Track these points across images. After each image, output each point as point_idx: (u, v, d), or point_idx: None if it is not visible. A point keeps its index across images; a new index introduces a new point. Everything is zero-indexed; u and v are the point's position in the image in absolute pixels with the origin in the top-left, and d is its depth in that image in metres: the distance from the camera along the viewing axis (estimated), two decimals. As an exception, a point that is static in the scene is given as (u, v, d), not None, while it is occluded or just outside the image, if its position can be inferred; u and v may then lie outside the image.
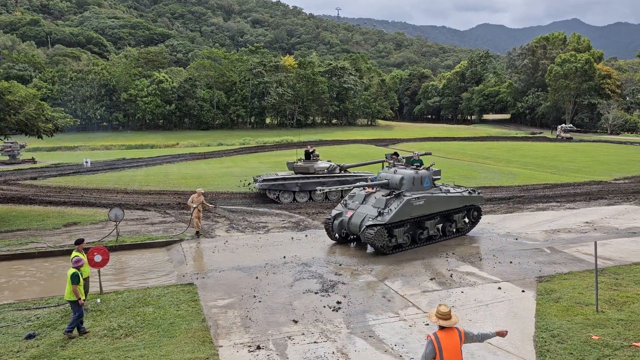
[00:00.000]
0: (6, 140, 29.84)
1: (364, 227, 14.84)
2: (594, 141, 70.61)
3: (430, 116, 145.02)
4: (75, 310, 9.85)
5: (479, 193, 18.13)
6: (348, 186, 17.27)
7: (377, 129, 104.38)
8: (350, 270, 13.89)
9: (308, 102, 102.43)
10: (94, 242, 16.16)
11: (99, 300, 11.69)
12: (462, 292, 11.94)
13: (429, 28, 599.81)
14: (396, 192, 15.61)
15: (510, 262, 14.33)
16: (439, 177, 18.51)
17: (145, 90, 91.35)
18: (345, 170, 26.46)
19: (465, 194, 17.54)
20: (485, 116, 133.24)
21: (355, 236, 16.37)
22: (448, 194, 16.91)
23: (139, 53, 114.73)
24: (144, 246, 16.89)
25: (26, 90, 24.00)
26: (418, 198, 15.55)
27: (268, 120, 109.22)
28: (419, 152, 23.31)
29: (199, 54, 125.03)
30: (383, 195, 15.61)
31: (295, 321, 10.39)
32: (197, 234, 17.99)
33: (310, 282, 12.85)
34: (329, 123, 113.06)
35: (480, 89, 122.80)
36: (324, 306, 11.20)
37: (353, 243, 16.70)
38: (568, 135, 73.79)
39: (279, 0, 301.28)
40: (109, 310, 11.05)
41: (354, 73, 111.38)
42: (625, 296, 11.25)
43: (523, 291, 11.91)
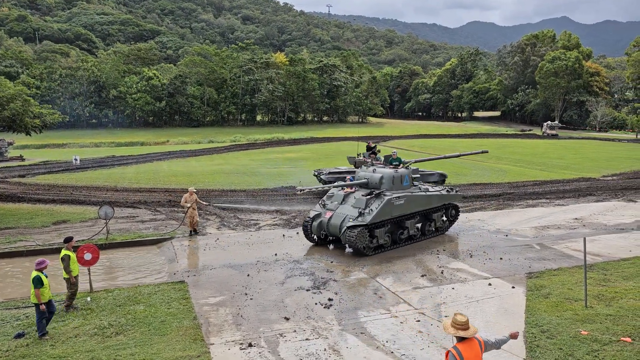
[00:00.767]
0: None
1: (345, 228, 14.43)
2: (582, 138, 71.23)
3: (421, 113, 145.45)
4: (37, 313, 9.65)
5: (456, 191, 17.97)
6: (328, 186, 16.56)
7: (368, 126, 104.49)
8: (342, 267, 13.91)
9: (299, 99, 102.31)
10: (83, 240, 16.04)
11: (89, 298, 11.61)
12: (453, 289, 12.01)
13: (420, 25, 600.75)
14: (376, 192, 15.21)
15: (501, 259, 14.43)
16: (418, 176, 18.11)
17: (135, 87, 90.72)
18: (404, 165, 26.77)
19: (444, 192, 17.30)
20: (476, 113, 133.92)
21: (333, 237, 15.91)
22: (427, 193, 16.61)
23: (128, 50, 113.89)
24: (134, 244, 16.78)
25: (14, 87, 23.73)
26: (399, 197, 15.22)
27: (259, 118, 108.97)
28: (482, 150, 22.96)
29: (190, 51, 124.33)
30: (363, 195, 15.18)
31: (286, 318, 10.39)
32: (192, 232, 17.72)
33: (302, 280, 12.86)
34: (320, 120, 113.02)
35: (470, 86, 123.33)
36: (316, 303, 11.21)
37: (331, 245, 16.19)
38: (554, 132, 76.32)
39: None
40: (99, 309, 10.98)
41: (344, 70, 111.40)
42: (613, 292, 11.37)
43: (513, 287, 12.00)
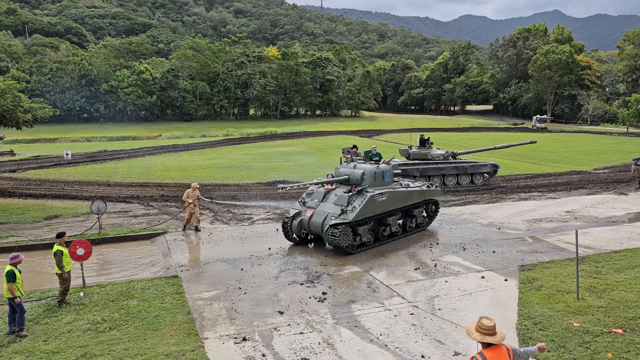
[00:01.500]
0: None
1: (327, 227, 14.01)
2: (574, 132, 71.63)
3: (413, 107, 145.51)
4: (18, 309, 9.56)
5: (436, 186, 17.77)
6: (305, 183, 16.26)
7: (361, 120, 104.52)
8: (335, 261, 13.92)
9: (291, 93, 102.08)
10: (76, 235, 15.95)
11: (81, 293, 11.56)
12: (446, 282, 12.06)
13: (413, 19, 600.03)
14: (358, 188, 14.81)
15: (493, 252, 14.50)
16: (399, 171, 17.89)
17: (126, 81, 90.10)
18: (455, 157, 27.57)
19: (424, 187, 17.10)
20: (468, 107, 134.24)
21: (314, 236, 15.46)
22: (408, 189, 16.33)
23: (119, 43, 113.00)
24: (127, 239, 16.71)
25: (4, 83, 23.50)
26: (381, 194, 14.81)
27: (252, 112, 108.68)
28: (530, 140, 22.84)
29: (182, 45, 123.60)
30: (344, 192, 14.77)
31: (281, 312, 10.40)
32: (185, 227, 17.49)
33: (296, 274, 12.87)
34: (313, 114, 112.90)
35: (462, 79, 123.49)
36: (310, 297, 11.23)
37: (311, 244, 15.65)
38: (543, 125, 78.14)
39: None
40: (92, 304, 10.94)
41: (337, 64, 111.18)
42: (605, 284, 11.47)
43: (506, 280, 12.07)
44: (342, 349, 8.75)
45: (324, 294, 11.39)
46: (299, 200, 15.80)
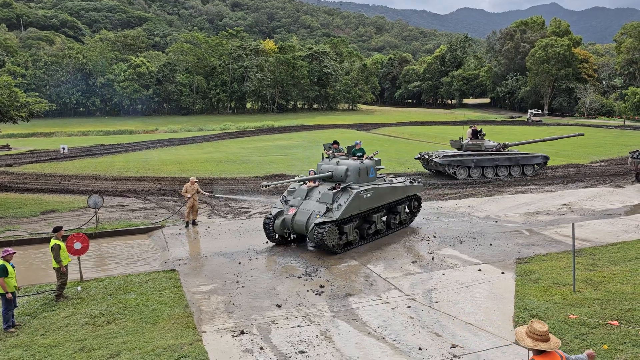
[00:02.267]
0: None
1: (313, 226, 13.46)
2: (570, 125, 71.69)
3: (411, 100, 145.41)
4: (3, 303, 9.55)
5: (419, 182, 17.51)
6: (286, 181, 15.72)
7: (358, 113, 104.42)
8: (332, 254, 13.93)
9: (288, 87, 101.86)
10: (73, 230, 15.93)
11: (79, 287, 11.56)
12: (444, 274, 12.10)
13: (410, 12, 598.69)
14: (343, 185, 14.31)
15: (490, 245, 14.54)
16: (383, 167, 17.62)
17: (123, 74, 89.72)
18: (507, 148, 28.05)
19: (407, 183, 16.69)
20: (466, 100, 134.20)
21: (295, 236, 14.97)
22: (392, 185, 15.91)
23: (115, 36, 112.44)
24: (124, 233, 16.70)
25: (1, 78, 23.37)
26: (366, 190, 14.40)
27: (249, 105, 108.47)
28: (578, 133, 23.00)
29: (178, 38, 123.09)
30: (329, 189, 14.19)
31: (278, 306, 10.42)
32: (188, 224, 17.32)
33: (293, 267, 12.88)
34: (310, 108, 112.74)
35: (459, 73, 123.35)
36: (307, 290, 11.25)
37: (294, 243, 15.17)
38: (537, 118, 79.84)
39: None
40: (89, 298, 10.94)
41: (334, 57, 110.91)
42: (601, 276, 11.53)
43: (503, 273, 12.11)
44: (340, 341, 8.78)
45: (321, 287, 11.41)
46: (281, 198, 15.12)
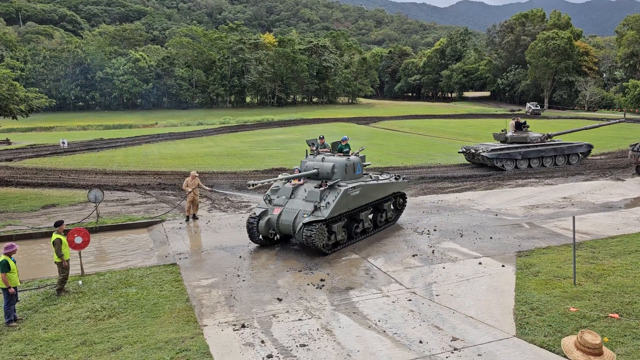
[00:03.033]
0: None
1: (301, 225, 12.86)
2: (571, 118, 71.59)
3: (410, 94, 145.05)
4: (5, 298, 9.57)
5: (403, 178, 17.11)
6: (273, 179, 14.95)
7: (358, 107, 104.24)
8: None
9: (288, 81, 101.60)
10: (73, 224, 15.94)
11: (80, 282, 11.58)
12: (444, 268, 12.11)
13: (409, 5, 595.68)
14: (330, 183, 13.70)
15: (491, 238, 14.55)
16: (369, 164, 17.23)
17: (122, 69, 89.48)
18: (550, 139, 28.55)
19: (392, 180, 16.20)
20: (466, 94, 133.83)
21: (280, 237, 14.09)
22: (379, 182, 15.40)
23: (114, 31, 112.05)
24: (125, 227, 16.71)
25: (0, 71, 23.33)
26: (354, 188, 13.85)
27: (248, 99, 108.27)
28: (618, 119, 23.27)
29: (177, 32, 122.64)
30: (315, 187, 13.61)
31: (279, 299, 10.44)
32: (188, 218, 17.26)
33: (294, 261, 12.90)
34: (310, 101, 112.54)
35: (459, 66, 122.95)
36: (308, 284, 11.27)
37: (277, 245, 14.42)
38: (536, 110, 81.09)
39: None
40: (91, 292, 10.96)
41: (334, 51, 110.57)
42: (601, 269, 11.54)
43: (503, 266, 12.13)
44: (341, 335, 8.81)
45: (322, 280, 11.43)
46: (264, 197, 14.42)
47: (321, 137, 16.86)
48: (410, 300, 10.28)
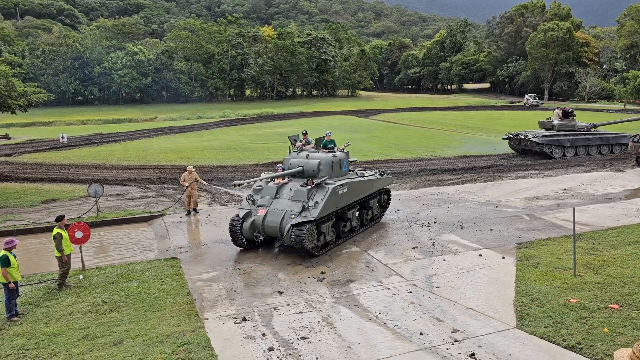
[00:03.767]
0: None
1: (289, 227, 12.20)
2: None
3: (410, 86, 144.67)
4: (5, 292, 9.58)
5: (387, 174, 16.59)
6: (259, 178, 14.14)
7: (358, 99, 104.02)
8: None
9: (287, 74, 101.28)
10: (74, 219, 15.93)
11: (81, 276, 11.60)
12: (444, 260, 12.13)
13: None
14: (317, 181, 13.08)
15: (491, 230, 14.56)
16: (355, 160, 16.80)
17: (120, 62, 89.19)
18: (595, 128, 29.28)
19: (377, 176, 15.74)
20: (465, 86, 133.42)
21: (263, 239, 13.22)
22: (365, 178, 14.93)
23: (112, 24, 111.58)
24: (125, 221, 16.73)
25: None
26: (342, 185, 13.29)
27: (247, 93, 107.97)
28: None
29: (175, 25, 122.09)
30: (301, 186, 13.00)
31: (280, 292, 10.46)
32: (189, 212, 17.29)
33: (294, 254, 12.90)
34: (309, 94, 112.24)
35: (459, 58, 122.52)
36: (309, 277, 11.29)
37: (260, 248, 13.67)
38: (535, 102, 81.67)
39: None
40: (92, 286, 10.98)
41: (333, 43, 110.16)
42: (601, 260, 11.56)
43: (503, 257, 12.15)
44: (342, 327, 8.83)
45: (322, 273, 11.45)
46: (247, 198, 13.58)
47: (304, 133, 16.27)
48: (411, 292, 10.30)
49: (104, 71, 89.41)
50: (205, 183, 18.89)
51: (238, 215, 13.25)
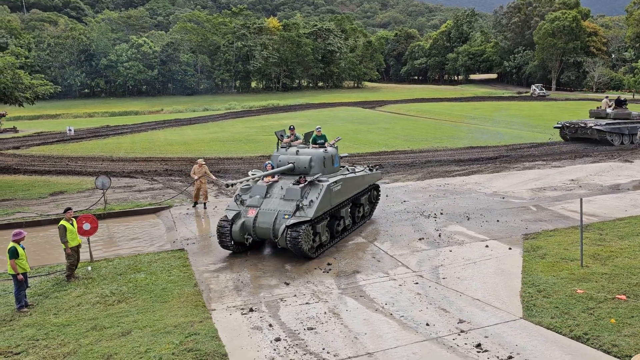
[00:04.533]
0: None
1: (283, 227, 11.52)
2: (579, 99, 70.86)
3: (417, 77, 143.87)
4: (15, 284, 9.64)
5: (377, 169, 16.15)
6: (251, 178, 13.05)
7: (364, 91, 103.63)
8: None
9: (293, 65, 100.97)
10: (81, 211, 16.04)
11: (89, 268, 11.70)
12: (451, 251, 12.13)
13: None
14: (309, 179, 12.36)
15: (497, 221, 14.53)
16: (346, 155, 16.28)
17: (126, 55, 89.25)
18: None
19: (367, 171, 15.22)
20: (472, 76, 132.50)
21: (251, 242, 12.30)
22: (357, 174, 14.37)
23: (118, 16, 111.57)
24: (132, 213, 16.82)
25: (4, 59, 23.33)
26: (336, 182, 12.69)
27: (253, 84, 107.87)
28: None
29: (181, 17, 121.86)
30: (293, 184, 12.37)
31: (287, 283, 10.51)
32: (196, 204, 17.17)
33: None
34: (315, 86, 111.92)
35: (466, 48, 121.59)
36: (315, 268, 11.33)
37: (249, 251, 12.85)
38: (542, 92, 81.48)
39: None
40: (100, 278, 11.07)
41: (339, 34, 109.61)
42: (609, 251, 11.51)
43: (510, 248, 12.13)
44: (348, 318, 8.87)
45: (329, 264, 11.49)
46: (235, 199, 12.81)
47: (291, 128, 15.53)
48: (417, 283, 10.32)
49: (110, 64, 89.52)
50: (214, 178, 18.41)
51: (226, 216, 12.33)
